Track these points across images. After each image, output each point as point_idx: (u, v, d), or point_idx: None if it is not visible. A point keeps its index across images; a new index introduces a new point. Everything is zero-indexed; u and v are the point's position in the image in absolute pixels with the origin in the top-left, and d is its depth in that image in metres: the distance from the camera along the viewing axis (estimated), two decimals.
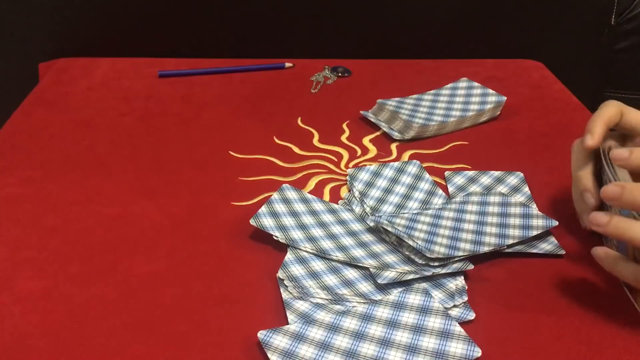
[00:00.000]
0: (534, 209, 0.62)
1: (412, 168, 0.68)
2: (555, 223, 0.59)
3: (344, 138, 0.78)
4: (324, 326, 0.49)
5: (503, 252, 0.58)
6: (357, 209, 0.63)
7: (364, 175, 0.67)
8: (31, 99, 0.85)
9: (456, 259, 0.55)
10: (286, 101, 0.86)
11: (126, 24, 0.99)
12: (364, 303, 0.52)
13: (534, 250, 0.58)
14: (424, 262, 0.55)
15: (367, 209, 0.63)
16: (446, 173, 0.70)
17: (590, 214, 0.50)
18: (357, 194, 0.65)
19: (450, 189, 0.67)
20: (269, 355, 0.46)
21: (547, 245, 0.59)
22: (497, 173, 0.69)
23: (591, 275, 0.56)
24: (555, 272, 0.56)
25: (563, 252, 0.58)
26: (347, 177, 0.68)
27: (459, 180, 0.68)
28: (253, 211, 0.60)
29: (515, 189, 0.66)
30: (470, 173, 0.69)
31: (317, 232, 0.60)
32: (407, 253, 0.56)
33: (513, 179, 0.68)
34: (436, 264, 0.55)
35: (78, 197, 0.65)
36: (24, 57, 0.99)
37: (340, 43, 1.02)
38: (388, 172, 0.68)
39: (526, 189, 0.67)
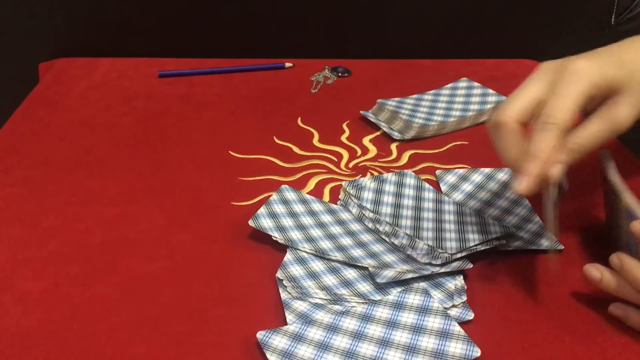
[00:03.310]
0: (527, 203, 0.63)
1: (393, 177, 0.67)
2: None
3: (344, 138, 0.78)
4: (323, 326, 0.49)
5: (503, 251, 0.58)
6: (354, 210, 0.63)
7: (353, 191, 0.65)
8: (31, 99, 0.85)
9: (456, 257, 0.56)
10: (286, 101, 0.86)
11: (126, 24, 0.98)
12: (363, 303, 0.52)
13: (534, 247, 0.58)
14: (438, 262, 0.55)
15: (369, 225, 0.62)
16: (437, 172, 0.69)
17: (584, 268, 0.50)
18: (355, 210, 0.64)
19: (443, 187, 0.67)
20: (268, 356, 0.46)
21: (546, 241, 0.59)
22: (487, 170, 0.69)
23: None
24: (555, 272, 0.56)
25: (561, 247, 0.58)
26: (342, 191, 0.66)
27: (450, 178, 0.68)
28: (253, 211, 0.60)
29: (506, 185, 0.67)
30: (461, 171, 0.69)
31: (316, 232, 0.60)
32: (416, 253, 0.56)
33: (503, 175, 0.68)
34: (438, 262, 0.55)
35: (78, 197, 0.65)
36: (24, 57, 0.99)
37: (340, 43, 1.02)
38: (372, 184, 0.66)
39: None
